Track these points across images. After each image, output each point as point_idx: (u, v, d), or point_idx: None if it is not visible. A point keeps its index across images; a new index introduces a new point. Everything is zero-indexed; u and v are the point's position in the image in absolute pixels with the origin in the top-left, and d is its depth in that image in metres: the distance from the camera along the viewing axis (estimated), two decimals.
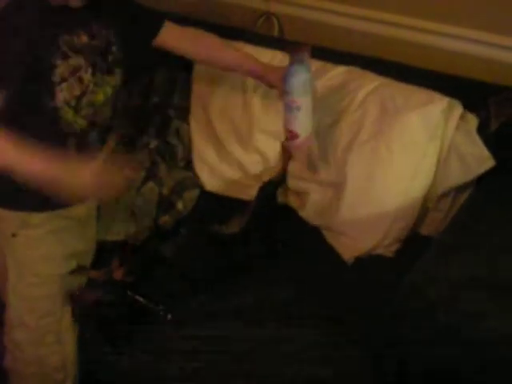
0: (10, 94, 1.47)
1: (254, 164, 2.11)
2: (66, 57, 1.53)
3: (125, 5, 1.69)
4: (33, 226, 1.66)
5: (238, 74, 2.00)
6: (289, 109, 1.72)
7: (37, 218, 1.66)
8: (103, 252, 1.87)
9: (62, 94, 1.54)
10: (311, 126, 1.76)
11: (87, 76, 1.58)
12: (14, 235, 1.66)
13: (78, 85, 1.56)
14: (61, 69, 1.52)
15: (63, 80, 1.53)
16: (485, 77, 1.88)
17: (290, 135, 1.75)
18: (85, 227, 1.79)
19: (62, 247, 1.70)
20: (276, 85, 1.81)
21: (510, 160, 1.78)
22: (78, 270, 1.73)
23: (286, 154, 1.95)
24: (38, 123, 1.56)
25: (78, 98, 1.57)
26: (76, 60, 1.55)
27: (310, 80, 1.70)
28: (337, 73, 2.00)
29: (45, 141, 1.55)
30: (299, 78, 1.68)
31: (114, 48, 1.64)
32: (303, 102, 1.70)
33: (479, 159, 1.79)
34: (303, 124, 1.74)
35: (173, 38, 1.80)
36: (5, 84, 1.47)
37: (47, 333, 1.69)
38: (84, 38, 1.57)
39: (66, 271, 1.70)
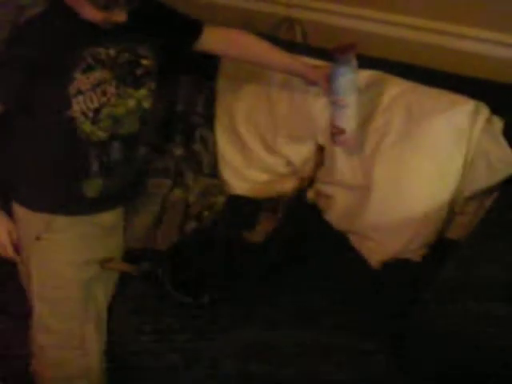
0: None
1: (280, 166, 2.13)
2: (89, 69, 1.55)
3: (159, 14, 1.68)
4: (57, 230, 1.69)
5: (282, 74, 2.01)
6: (336, 106, 1.79)
7: (61, 221, 1.69)
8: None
9: (79, 106, 1.56)
10: (356, 122, 1.81)
11: (111, 89, 1.60)
12: (37, 238, 1.69)
13: (99, 97, 1.58)
14: (79, 82, 1.54)
15: (80, 92, 1.54)
16: (511, 79, 1.88)
17: (337, 131, 1.82)
18: (110, 235, 1.81)
19: (85, 253, 1.73)
20: (321, 83, 1.83)
21: None
22: (109, 260, 1.75)
23: (317, 159, 1.99)
24: (55, 131, 1.60)
25: (96, 110, 1.58)
26: (100, 73, 1.57)
27: (356, 79, 1.76)
28: (361, 77, 2.00)
29: (64, 150, 1.61)
30: (346, 78, 1.74)
31: (144, 61, 1.65)
32: (350, 100, 1.77)
33: (505, 162, 1.79)
34: (349, 120, 1.80)
35: (217, 41, 1.82)
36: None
37: (70, 337, 1.71)
38: (112, 52, 1.58)
39: (89, 277, 1.72)
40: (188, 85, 2.23)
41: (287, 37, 2.30)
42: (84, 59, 1.54)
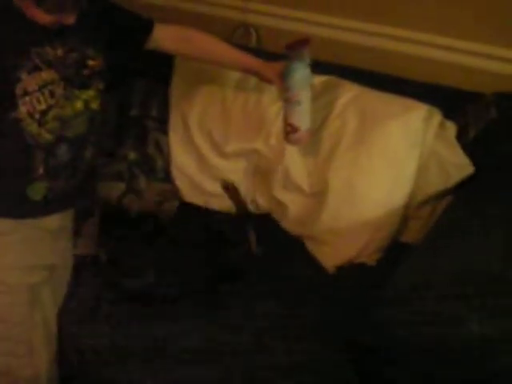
0: None
1: (232, 173, 2.11)
2: (36, 69, 1.51)
3: (108, 14, 1.67)
4: (0, 233, 1.65)
5: (234, 71, 2.00)
6: (289, 103, 1.75)
7: (5, 224, 1.64)
8: None
9: (26, 107, 1.52)
10: (310, 119, 1.79)
11: (59, 90, 1.57)
12: None
13: (46, 98, 1.55)
14: (25, 83, 1.50)
15: (26, 93, 1.51)
16: (462, 84, 1.91)
17: (290, 129, 1.78)
18: (58, 239, 1.77)
19: (30, 257, 1.68)
20: (273, 79, 1.81)
21: (488, 166, 1.79)
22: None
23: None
24: (1, 133, 1.56)
25: (44, 112, 1.55)
26: (48, 73, 1.54)
27: (309, 75, 1.74)
28: (315, 82, 2.00)
29: (10, 152, 1.57)
30: (300, 73, 1.71)
31: (91, 62, 1.62)
32: (303, 96, 1.74)
33: (458, 166, 1.81)
34: (303, 117, 1.77)
35: (166, 38, 1.80)
36: None
37: (18, 343, 1.67)
38: (60, 52, 1.55)
39: (35, 282, 1.68)
40: (142, 88, 2.21)
41: (242, 42, 2.29)
42: (31, 59, 1.50)
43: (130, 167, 2.11)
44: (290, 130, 1.78)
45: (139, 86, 2.21)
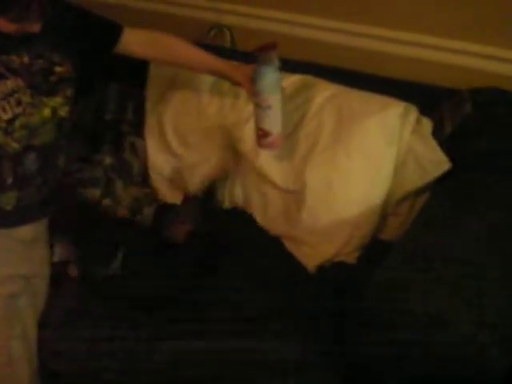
0: None
1: (209, 172, 2.10)
2: (2, 78, 1.47)
3: (75, 19, 1.62)
4: None
5: (203, 74, 1.98)
6: (260, 108, 1.72)
7: None
8: None
9: None
10: (281, 123, 1.76)
11: (26, 98, 1.52)
12: None
13: (13, 107, 1.50)
14: None
15: None
16: (436, 81, 1.91)
17: (262, 133, 1.75)
18: (33, 248, 1.71)
19: (4, 268, 1.63)
20: (243, 83, 1.79)
21: (465, 162, 1.80)
22: None
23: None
24: None
25: (10, 121, 1.50)
26: (14, 81, 1.49)
27: (279, 78, 1.71)
28: (290, 82, 2.00)
29: None
30: (269, 78, 1.68)
31: (57, 68, 1.57)
32: (274, 100, 1.71)
33: (435, 162, 1.81)
34: (274, 122, 1.74)
35: (134, 42, 1.76)
36: None
37: None
38: (25, 59, 1.51)
39: (11, 292, 1.63)
40: (116, 93, 2.19)
41: (216, 42, 2.29)
42: None
43: (106, 172, 2.09)
44: (261, 135, 1.76)
45: (114, 90, 2.20)
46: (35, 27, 1.44)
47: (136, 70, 2.14)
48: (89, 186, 2.04)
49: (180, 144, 2.13)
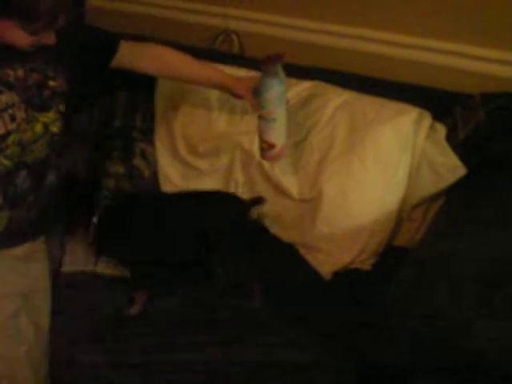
0: None
1: (219, 181, 2.08)
2: None
3: (72, 33, 1.55)
4: None
5: (204, 87, 1.96)
6: (265, 120, 1.71)
7: None
8: None
9: None
10: (286, 135, 1.75)
11: (20, 113, 1.50)
12: None
13: (6, 123, 1.48)
14: None
15: None
16: (449, 86, 1.91)
17: (267, 146, 1.75)
18: (30, 263, 1.68)
19: (1, 286, 1.60)
20: (245, 97, 1.79)
21: (480, 167, 1.80)
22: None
23: None
24: None
25: (3, 137, 1.48)
26: (9, 96, 1.48)
27: (284, 91, 1.70)
28: (302, 88, 2.00)
29: None
30: (274, 91, 1.66)
31: (51, 83, 1.55)
32: (278, 113, 1.70)
33: (450, 168, 1.81)
34: (279, 134, 1.74)
35: (131, 57, 1.74)
36: None
37: (0, 379, 1.57)
38: (20, 72, 1.49)
39: (11, 311, 1.59)
40: (125, 100, 2.18)
41: (224, 49, 2.28)
42: None
43: (116, 180, 2.08)
44: (266, 147, 1.75)
45: (122, 97, 2.18)
46: (51, 38, 1.42)
47: (145, 77, 2.12)
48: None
49: (189, 152, 2.12)
